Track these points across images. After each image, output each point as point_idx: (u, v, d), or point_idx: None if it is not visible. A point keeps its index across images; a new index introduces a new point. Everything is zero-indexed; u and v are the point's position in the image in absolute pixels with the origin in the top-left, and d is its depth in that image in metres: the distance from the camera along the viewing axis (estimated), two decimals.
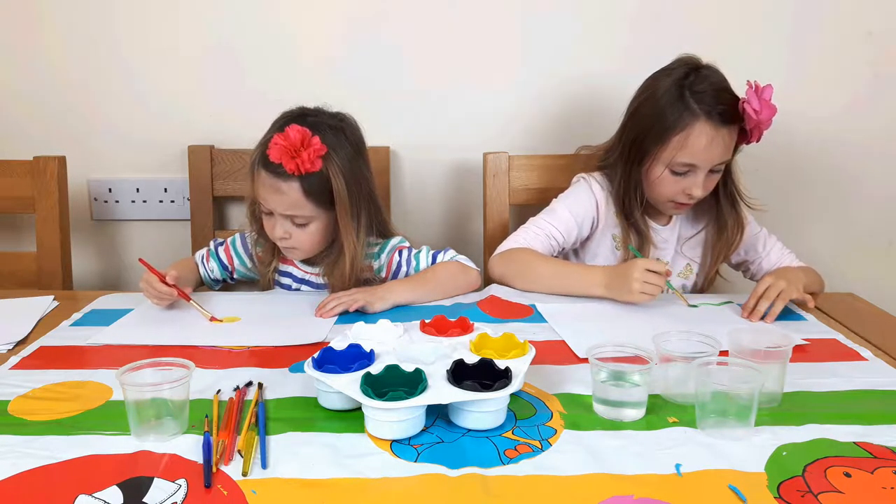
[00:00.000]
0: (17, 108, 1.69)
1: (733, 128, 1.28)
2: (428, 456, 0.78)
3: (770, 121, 1.26)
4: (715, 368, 0.85)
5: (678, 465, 0.76)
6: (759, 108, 1.24)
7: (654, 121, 1.29)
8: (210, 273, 1.42)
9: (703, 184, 1.30)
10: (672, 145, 1.27)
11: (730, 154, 1.31)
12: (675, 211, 1.39)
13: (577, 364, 1.01)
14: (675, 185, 1.31)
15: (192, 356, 0.88)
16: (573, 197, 1.42)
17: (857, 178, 1.75)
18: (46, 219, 1.55)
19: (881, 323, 1.23)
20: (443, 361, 0.89)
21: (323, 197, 1.26)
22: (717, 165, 1.30)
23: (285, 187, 1.23)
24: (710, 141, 1.26)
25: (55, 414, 0.87)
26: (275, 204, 1.26)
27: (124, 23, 1.65)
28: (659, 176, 1.31)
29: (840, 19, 1.66)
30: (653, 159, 1.31)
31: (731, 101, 1.27)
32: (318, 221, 1.29)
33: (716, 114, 1.25)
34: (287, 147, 1.20)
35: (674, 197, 1.32)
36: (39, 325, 1.17)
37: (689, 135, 1.26)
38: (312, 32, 1.65)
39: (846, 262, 1.78)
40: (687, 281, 1.45)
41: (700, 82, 1.27)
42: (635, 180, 1.35)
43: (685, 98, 1.26)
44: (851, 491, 0.72)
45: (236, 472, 0.75)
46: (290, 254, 1.35)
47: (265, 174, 1.24)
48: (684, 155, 1.27)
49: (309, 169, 1.21)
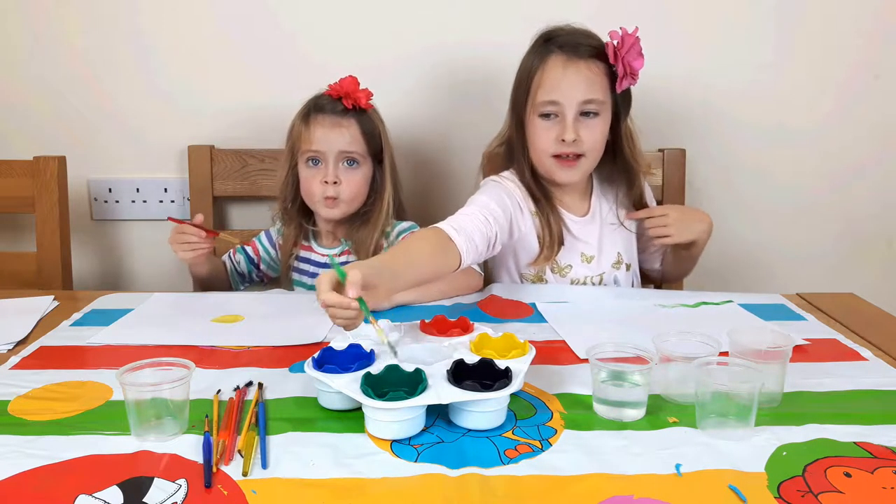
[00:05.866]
0: (17, 108, 1.69)
1: (594, 63, 1.28)
2: (428, 456, 0.78)
3: (637, 55, 1.25)
4: (715, 368, 0.85)
5: (678, 465, 0.76)
6: (621, 41, 1.25)
7: (520, 76, 1.33)
8: (237, 266, 1.50)
9: (573, 127, 1.27)
10: (534, 88, 1.29)
11: (598, 93, 1.28)
12: (561, 171, 1.32)
13: (577, 364, 1.01)
14: (546, 132, 1.30)
15: (192, 356, 0.88)
16: (486, 191, 1.33)
17: (856, 177, 1.75)
18: (46, 219, 1.55)
19: (881, 323, 1.22)
20: (443, 361, 0.89)
21: (371, 145, 1.40)
22: (586, 105, 1.28)
23: (345, 122, 1.37)
24: (564, 72, 1.27)
25: (55, 414, 0.87)
26: (332, 140, 1.36)
27: (124, 23, 1.65)
28: (532, 127, 1.31)
29: (840, 19, 1.66)
30: (527, 113, 1.32)
31: (589, 41, 1.29)
32: (365, 168, 1.40)
33: (568, 46, 1.27)
34: (343, 87, 1.38)
35: (552, 149, 1.30)
36: (39, 325, 1.17)
37: (544, 70, 1.28)
38: (313, 32, 1.65)
39: (846, 262, 1.78)
40: (618, 272, 1.41)
41: (557, 33, 1.31)
42: (523, 148, 1.35)
43: (541, 44, 1.31)
44: (851, 491, 0.72)
45: (236, 472, 0.75)
46: (328, 210, 1.40)
47: (322, 116, 1.37)
48: (544, 92, 1.28)
49: (365, 106, 1.38)
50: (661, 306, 1.26)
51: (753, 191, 1.75)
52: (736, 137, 1.72)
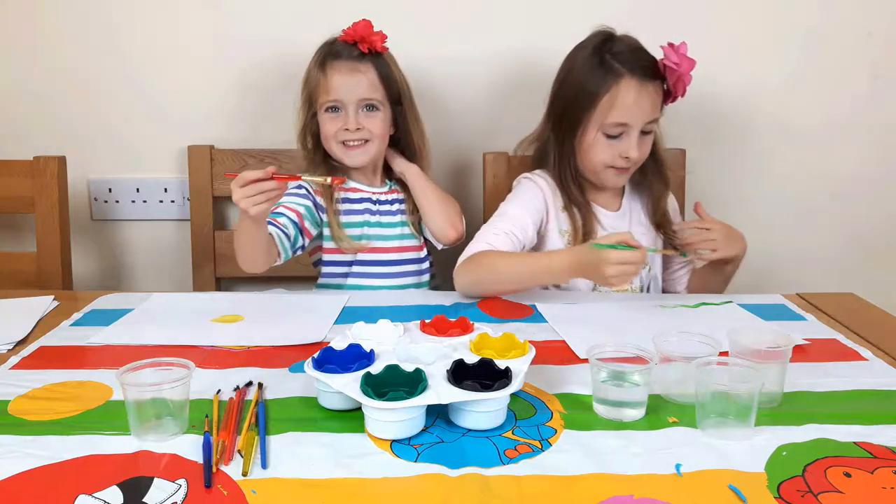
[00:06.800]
0: (17, 108, 1.69)
1: (657, 84, 1.31)
2: (428, 456, 0.78)
3: (690, 74, 1.29)
4: (715, 368, 0.85)
5: (678, 465, 0.76)
6: (679, 60, 1.27)
7: (580, 89, 1.32)
8: (284, 229, 1.34)
9: (637, 145, 1.30)
10: (602, 107, 1.29)
11: (658, 112, 1.33)
12: (615, 178, 1.37)
13: (577, 364, 1.01)
14: (609, 149, 1.32)
15: (192, 356, 0.88)
16: (521, 195, 1.41)
17: (856, 178, 1.75)
18: (46, 219, 1.55)
19: (881, 323, 1.22)
20: (443, 361, 0.89)
21: (389, 89, 1.39)
22: (648, 125, 1.31)
23: (363, 67, 1.36)
24: (637, 97, 1.28)
25: (55, 414, 0.87)
26: (352, 87, 1.35)
27: (125, 23, 1.65)
28: (593, 141, 1.32)
29: (840, 19, 1.66)
30: (585, 126, 1.32)
31: (650, 59, 1.31)
32: (385, 112, 1.40)
33: (638, 70, 1.28)
34: (358, 31, 1.35)
35: (612, 162, 1.33)
36: (39, 325, 1.17)
37: (616, 93, 1.28)
38: (313, 32, 1.65)
39: (846, 262, 1.78)
40: (643, 269, 1.42)
41: (617, 45, 1.31)
42: (568, 153, 1.36)
43: (606, 61, 1.30)
44: (851, 491, 0.72)
45: (236, 472, 0.75)
46: (354, 158, 1.39)
47: (338, 62, 1.36)
48: (615, 115, 1.29)
49: (380, 49, 1.37)
50: (661, 306, 1.26)
51: (753, 191, 1.75)
52: (736, 138, 1.72)
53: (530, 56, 1.66)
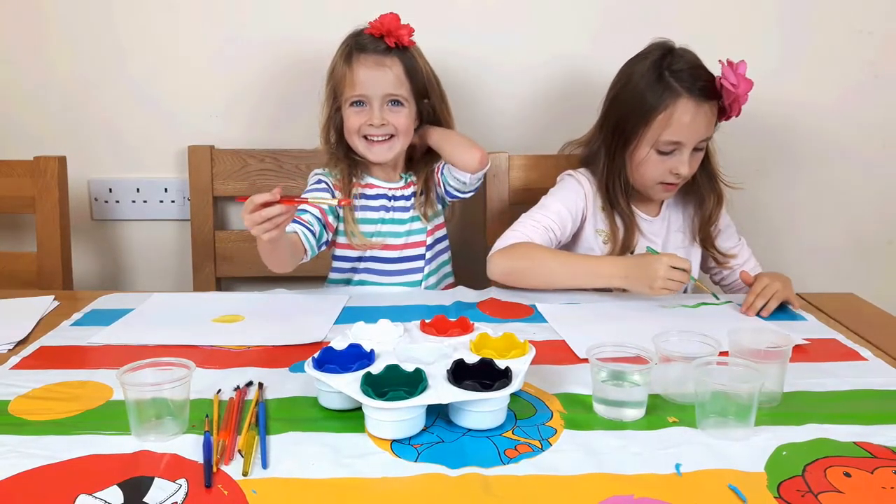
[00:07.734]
0: (17, 108, 1.69)
1: (713, 103, 1.30)
2: (428, 456, 0.78)
3: (747, 94, 1.28)
4: (715, 368, 0.85)
5: (678, 465, 0.76)
6: (737, 81, 1.26)
7: (636, 104, 1.31)
8: (309, 226, 1.34)
9: (688, 162, 1.31)
10: (657, 124, 1.29)
11: (712, 130, 1.32)
12: (663, 194, 1.39)
13: (577, 364, 1.01)
14: (661, 165, 1.32)
15: (192, 356, 0.88)
16: (563, 191, 1.42)
17: (856, 177, 1.75)
18: (46, 219, 1.55)
19: (881, 323, 1.23)
20: (443, 361, 0.89)
21: (415, 84, 1.37)
22: (701, 143, 1.31)
23: (388, 61, 1.34)
24: (693, 117, 1.28)
25: (55, 414, 0.87)
26: (377, 82, 1.33)
27: (125, 23, 1.65)
28: (645, 157, 1.32)
29: (840, 17, 1.66)
30: (637, 141, 1.32)
31: (708, 78, 1.30)
32: (410, 108, 1.37)
33: (696, 90, 1.27)
34: (385, 24, 1.33)
35: (662, 178, 1.33)
36: (40, 325, 1.17)
37: (672, 113, 1.28)
38: (313, 32, 1.65)
39: (846, 262, 1.78)
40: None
41: (676, 62, 1.29)
42: (619, 166, 1.36)
43: (664, 78, 1.28)
44: (851, 491, 0.72)
45: (237, 471, 0.75)
46: (379, 152, 1.38)
47: (364, 56, 1.34)
48: (670, 133, 1.28)
49: (407, 43, 1.34)
50: (661, 306, 1.26)
51: (753, 191, 1.75)
52: (735, 138, 1.72)
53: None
